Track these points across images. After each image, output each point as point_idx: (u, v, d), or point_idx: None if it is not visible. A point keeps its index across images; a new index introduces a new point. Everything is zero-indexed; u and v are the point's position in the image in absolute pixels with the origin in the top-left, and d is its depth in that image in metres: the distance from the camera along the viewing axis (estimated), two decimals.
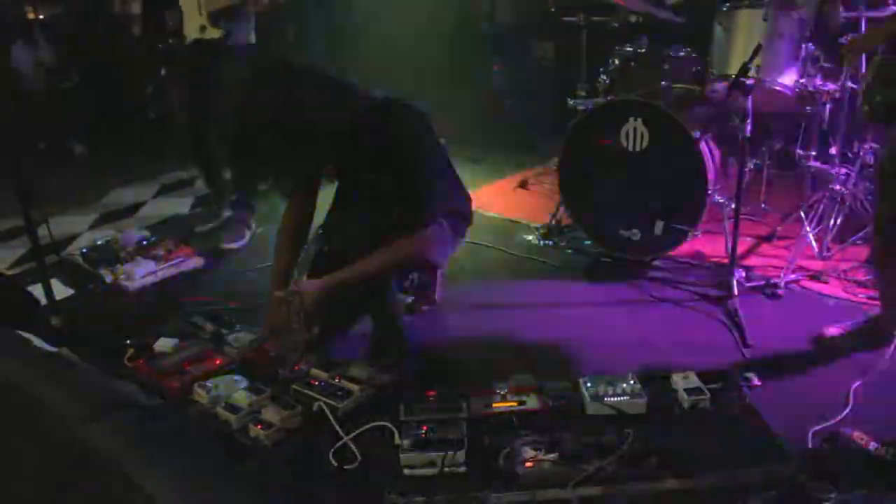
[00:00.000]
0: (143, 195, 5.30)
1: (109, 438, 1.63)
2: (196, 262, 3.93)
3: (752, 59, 3.14)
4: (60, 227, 4.33)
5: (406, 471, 2.27)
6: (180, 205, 5.09)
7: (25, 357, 2.08)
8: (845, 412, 2.55)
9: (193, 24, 3.83)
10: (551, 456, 2.26)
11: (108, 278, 3.76)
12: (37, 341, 2.41)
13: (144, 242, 4.03)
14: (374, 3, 6.51)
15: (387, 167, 2.67)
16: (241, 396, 2.59)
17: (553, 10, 6.58)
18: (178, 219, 4.80)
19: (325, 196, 2.97)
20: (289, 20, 6.51)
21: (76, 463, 1.60)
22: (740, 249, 3.53)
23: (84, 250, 3.97)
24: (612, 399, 2.54)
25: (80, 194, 5.24)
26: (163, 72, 4.15)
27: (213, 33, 3.82)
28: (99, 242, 4.05)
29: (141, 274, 3.74)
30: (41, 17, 6.33)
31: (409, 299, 3.28)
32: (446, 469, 2.25)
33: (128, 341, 3.04)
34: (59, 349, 2.64)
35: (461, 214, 2.96)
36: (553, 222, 4.18)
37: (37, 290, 3.26)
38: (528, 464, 2.24)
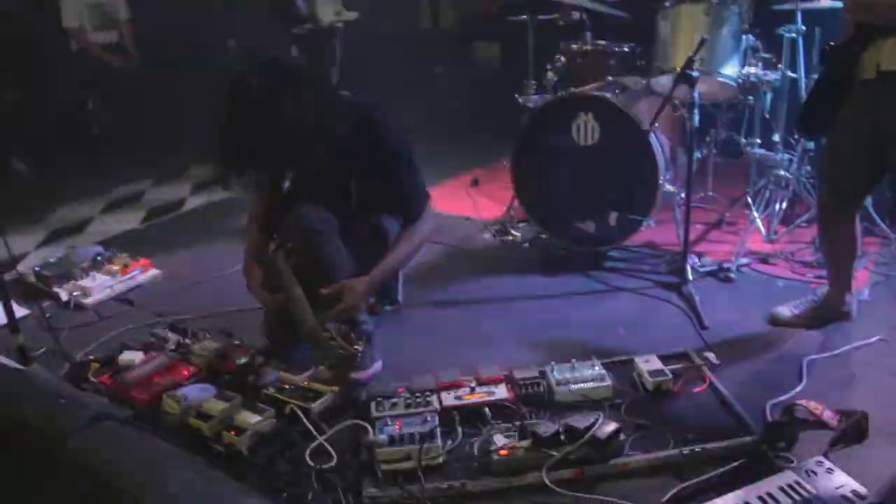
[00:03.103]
0: (90, 212, 5.22)
1: (93, 449, 1.64)
2: (153, 273, 3.90)
3: (696, 51, 3.25)
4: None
5: (383, 466, 2.30)
6: (131, 220, 5.03)
7: None
8: (800, 386, 2.66)
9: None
10: (524, 443, 2.31)
11: (65, 295, 3.70)
12: (3, 359, 2.38)
13: (99, 257, 3.98)
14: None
15: (366, 166, 2.73)
16: (213, 404, 2.59)
17: (496, 10, 6.70)
18: (132, 234, 4.75)
19: None
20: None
21: (61, 474, 1.60)
22: (692, 236, 3.63)
23: (37, 268, 3.90)
24: (578, 385, 2.61)
25: (26, 213, 5.12)
26: None
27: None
28: (52, 260, 3.98)
29: (98, 289, 3.70)
30: None
31: (372, 300, 3.30)
32: (423, 462, 2.28)
33: (91, 357, 3.01)
34: (29, 366, 2.61)
35: None
36: (508, 218, 4.25)
37: None
38: (502, 451, 2.29)
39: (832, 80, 2.83)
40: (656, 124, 3.50)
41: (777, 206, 3.88)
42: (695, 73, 3.29)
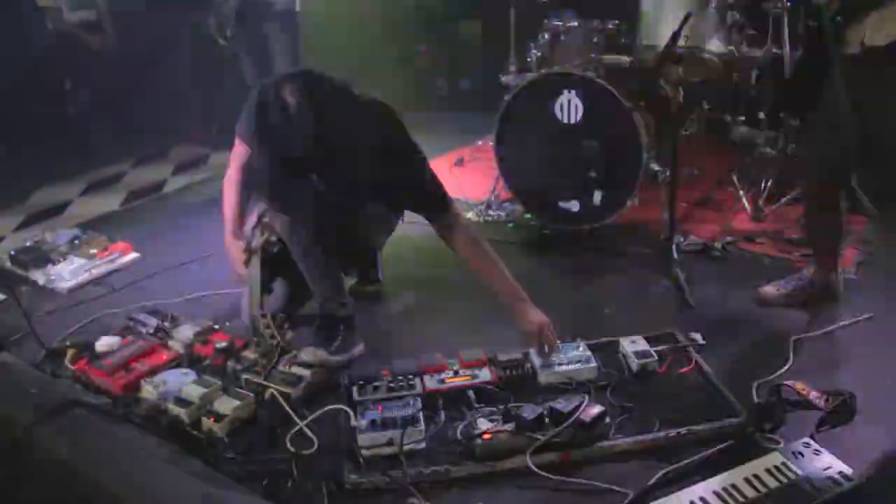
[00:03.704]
0: (69, 194, 5.13)
1: (60, 437, 1.60)
2: (132, 257, 3.83)
3: (682, 27, 3.20)
4: None
5: (364, 451, 2.26)
6: (110, 202, 4.95)
7: None
8: (787, 366, 2.64)
9: None
10: (508, 426, 2.28)
11: (41, 279, 3.64)
12: None
13: (76, 241, 3.91)
14: None
15: (381, 162, 2.56)
16: (191, 390, 2.54)
17: None
18: (111, 216, 4.67)
19: None
20: None
21: (29, 464, 1.56)
22: (677, 215, 3.59)
23: (12, 252, 3.83)
24: (563, 367, 2.58)
25: (2, 196, 5.03)
26: None
27: None
28: (27, 244, 3.91)
29: (74, 273, 3.63)
30: None
31: (353, 281, 3.27)
32: (405, 447, 2.25)
33: (67, 343, 2.95)
34: None
35: None
36: (492, 198, 4.21)
37: None
38: (485, 436, 2.25)
39: (816, 56, 2.79)
40: (641, 102, 3.46)
41: (763, 185, 3.86)
42: (680, 50, 3.24)
